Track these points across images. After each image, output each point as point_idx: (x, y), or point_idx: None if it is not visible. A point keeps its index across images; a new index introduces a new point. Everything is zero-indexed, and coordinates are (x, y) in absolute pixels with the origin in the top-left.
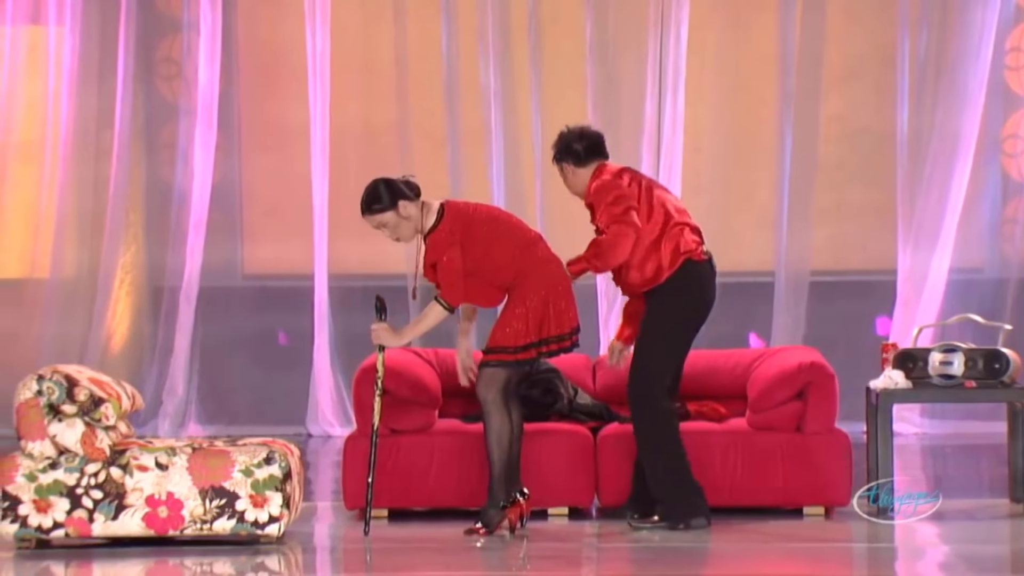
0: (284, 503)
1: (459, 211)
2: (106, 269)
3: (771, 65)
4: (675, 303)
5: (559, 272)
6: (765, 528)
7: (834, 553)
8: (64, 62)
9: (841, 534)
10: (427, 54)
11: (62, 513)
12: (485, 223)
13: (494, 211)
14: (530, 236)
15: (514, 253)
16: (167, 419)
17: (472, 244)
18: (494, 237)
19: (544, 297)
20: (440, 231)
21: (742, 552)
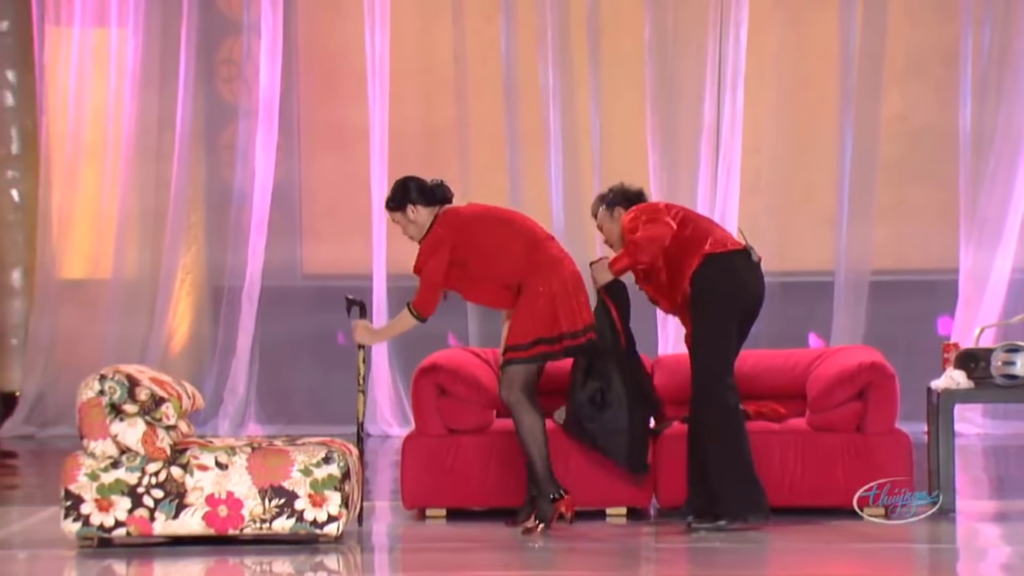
0: (343, 502)
1: (452, 218)
2: (167, 269)
3: (831, 63)
4: (708, 296)
5: (569, 270)
6: (825, 529)
7: (895, 554)
8: (127, 64)
9: (902, 535)
10: (486, 55)
11: (123, 512)
12: (490, 225)
13: (501, 212)
14: (539, 236)
15: (522, 253)
16: (227, 419)
17: (476, 247)
18: (501, 239)
19: (552, 294)
20: (428, 238)
21: (801, 553)
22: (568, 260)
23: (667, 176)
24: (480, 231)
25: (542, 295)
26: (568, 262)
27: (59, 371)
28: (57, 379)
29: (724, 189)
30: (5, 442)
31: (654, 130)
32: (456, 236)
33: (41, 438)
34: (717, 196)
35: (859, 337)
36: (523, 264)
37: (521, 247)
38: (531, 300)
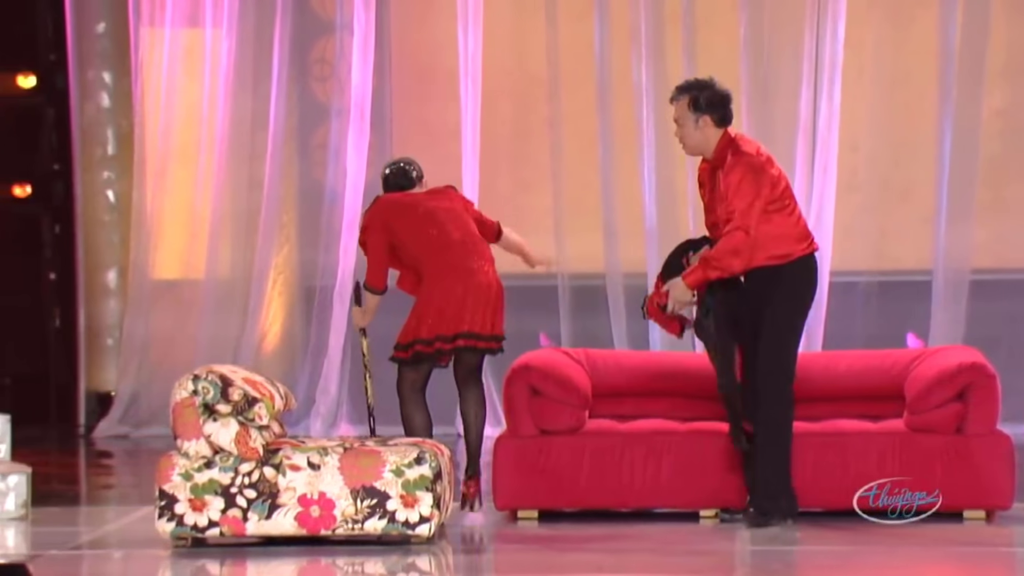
0: (435, 503)
1: (381, 203)
2: (260, 269)
3: (931, 59)
4: (800, 295)
5: (461, 281)
6: (923, 532)
7: (996, 558)
8: (221, 64)
9: (1003, 539)
10: (579, 52)
11: (217, 512)
12: (410, 217)
13: (431, 209)
14: (450, 240)
15: (424, 252)
16: (319, 419)
17: (395, 234)
18: (414, 233)
19: (436, 300)
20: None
21: (898, 556)
22: (467, 271)
23: None
24: (398, 221)
25: (424, 300)
26: (463, 272)
27: (153, 371)
28: (151, 379)
29: (820, 187)
30: (100, 442)
31: (749, 128)
32: (380, 220)
33: (135, 438)
34: (813, 194)
35: (959, 337)
36: (423, 263)
37: (425, 247)
38: (417, 302)
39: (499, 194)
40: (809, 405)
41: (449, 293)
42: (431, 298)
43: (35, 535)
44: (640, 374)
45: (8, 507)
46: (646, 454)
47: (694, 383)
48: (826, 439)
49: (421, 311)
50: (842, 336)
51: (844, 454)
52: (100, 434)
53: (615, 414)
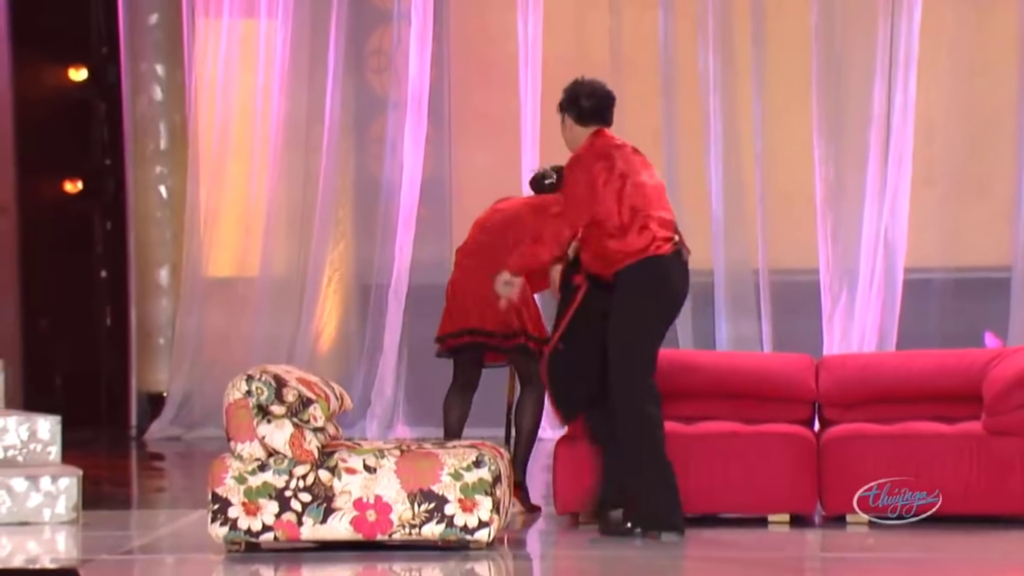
0: (494, 508)
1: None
2: (315, 266)
3: (1010, 48)
4: (640, 300)
5: (460, 278)
6: (1003, 539)
7: None
8: (275, 56)
9: None
10: (643, 42)
11: (271, 516)
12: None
13: (489, 212)
14: (468, 240)
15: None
16: (375, 420)
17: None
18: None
19: (453, 293)
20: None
21: (976, 564)
22: (467, 268)
23: (833, 167)
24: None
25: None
26: (461, 270)
27: (206, 371)
28: (204, 380)
29: (894, 181)
30: (152, 444)
31: (820, 119)
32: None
33: (188, 440)
34: (887, 188)
35: None
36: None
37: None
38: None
39: None
40: (882, 406)
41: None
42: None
43: (86, 539)
44: (705, 375)
45: (59, 511)
46: (712, 457)
47: (761, 384)
48: (899, 442)
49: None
50: (917, 335)
51: (918, 458)
52: (152, 436)
53: (680, 416)
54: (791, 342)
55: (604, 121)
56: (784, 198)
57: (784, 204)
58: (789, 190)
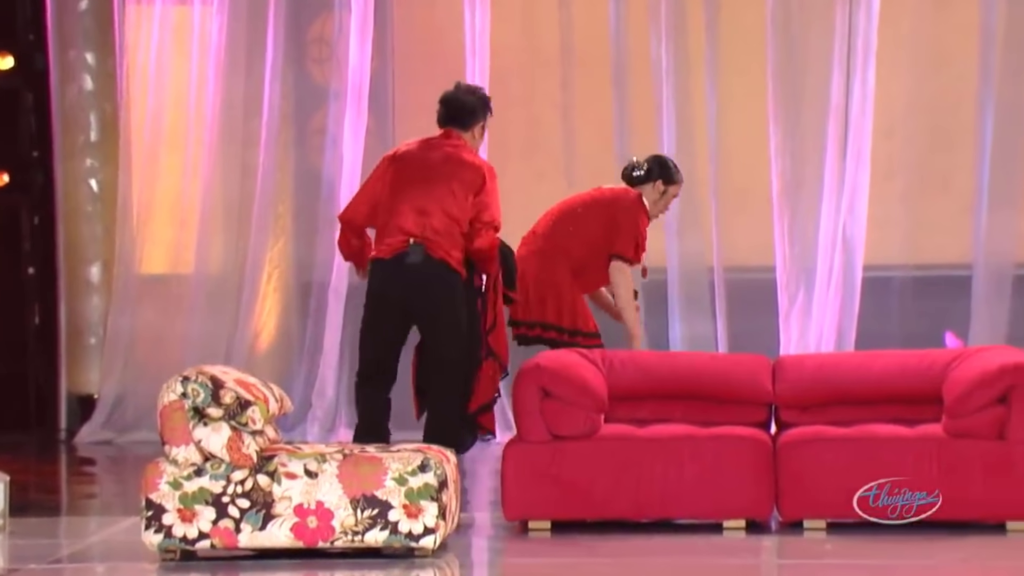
0: (440, 513)
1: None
2: (253, 263)
3: (971, 38)
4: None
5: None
6: (964, 545)
7: None
8: (211, 44)
9: None
10: (594, 31)
11: (207, 523)
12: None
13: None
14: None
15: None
16: (316, 423)
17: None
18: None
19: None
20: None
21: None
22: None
23: (790, 161)
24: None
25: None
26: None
27: (139, 372)
28: (137, 381)
29: (853, 176)
30: (82, 448)
31: (776, 111)
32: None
33: (120, 444)
34: (846, 183)
35: (1001, 336)
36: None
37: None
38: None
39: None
40: (840, 408)
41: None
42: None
43: (12, 548)
44: (659, 375)
45: None
46: (666, 461)
47: (716, 385)
48: (858, 445)
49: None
50: (876, 335)
51: (877, 461)
52: (82, 439)
53: (633, 418)
54: (747, 342)
55: (442, 123)
56: (739, 193)
57: (739, 199)
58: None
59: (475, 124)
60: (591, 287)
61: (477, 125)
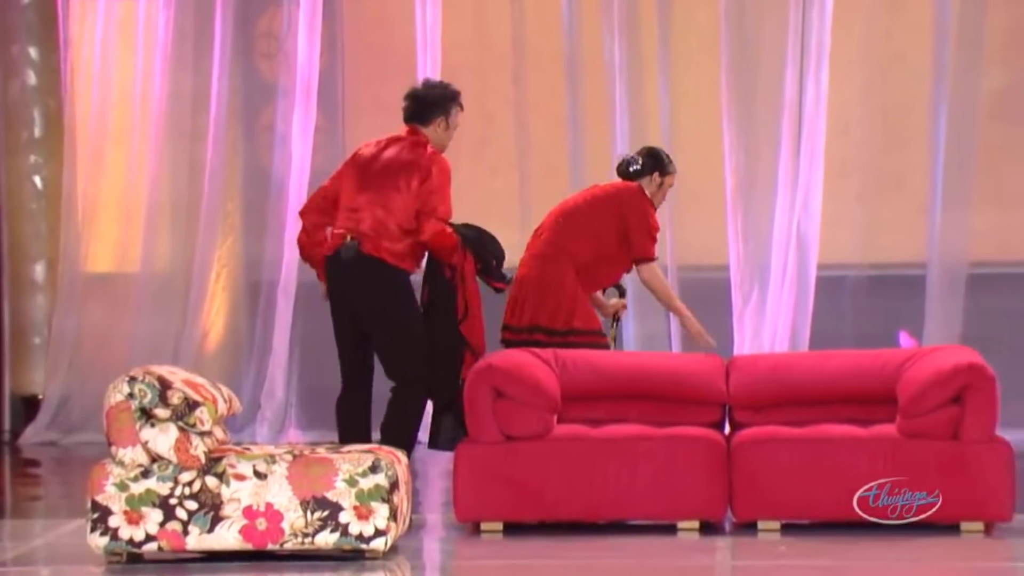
0: (391, 515)
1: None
2: (201, 262)
3: (926, 35)
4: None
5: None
6: (918, 545)
7: (993, 574)
8: (157, 38)
9: (1003, 553)
10: (546, 27)
11: (154, 525)
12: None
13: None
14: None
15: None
16: (265, 424)
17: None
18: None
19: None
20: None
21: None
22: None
23: (743, 159)
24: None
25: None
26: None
27: (85, 372)
28: (83, 381)
29: (807, 174)
30: (27, 449)
31: (729, 109)
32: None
33: (65, 445)
34: (799, 181)
35: (955, 336)
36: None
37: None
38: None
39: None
40: (794, 408)
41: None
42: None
43: None
44: (613, 376)
45: None
46: (620, 462)
47: (669, 385)
48: (812, 445)
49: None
50: (830, 334)
51: (832, 462)
52: (26, 441)
53: (586, 418)
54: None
55: (407, 121)
56: (692, 191)
57: (692, 197)
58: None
59: (435, 119)
60: (595, 286)
61: (437, 119)
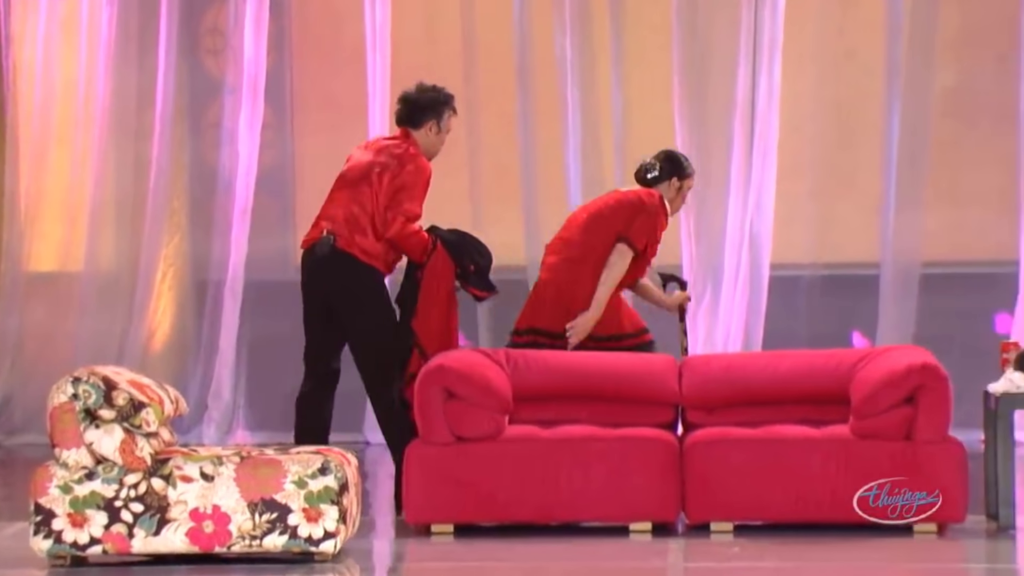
0: (340, 517)
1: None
2: (147, 261)
3: (878, 33)
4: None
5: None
6: (871, 547)
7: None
8: (100, 34)
9: (955, 554)
10: (497, 23)
11: (99, 528)
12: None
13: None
14: (555, 236)
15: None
16: (212, 425)
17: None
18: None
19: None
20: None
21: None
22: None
23: (696, 157)
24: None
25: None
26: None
27: (27, 373)
28: (25, 382)
29: (759, 172)
30: None
31: (682, 106)
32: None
33: (8, 446)
34: (752, 180)
35: (908, 336)
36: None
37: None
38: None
39: None
40: (747, 410)
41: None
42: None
43: None
44: (566, 376)
45: None
46: (572, 463)
47: (622, 386)
48: (765, 446)
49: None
50: (784, 335)
51: (784, 462)
52: None
53: (538, 419)
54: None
55: (396, 122)
56: None
57: None
58: None
59: (426, 122)
60: (623, 285)
61: (429, 123)
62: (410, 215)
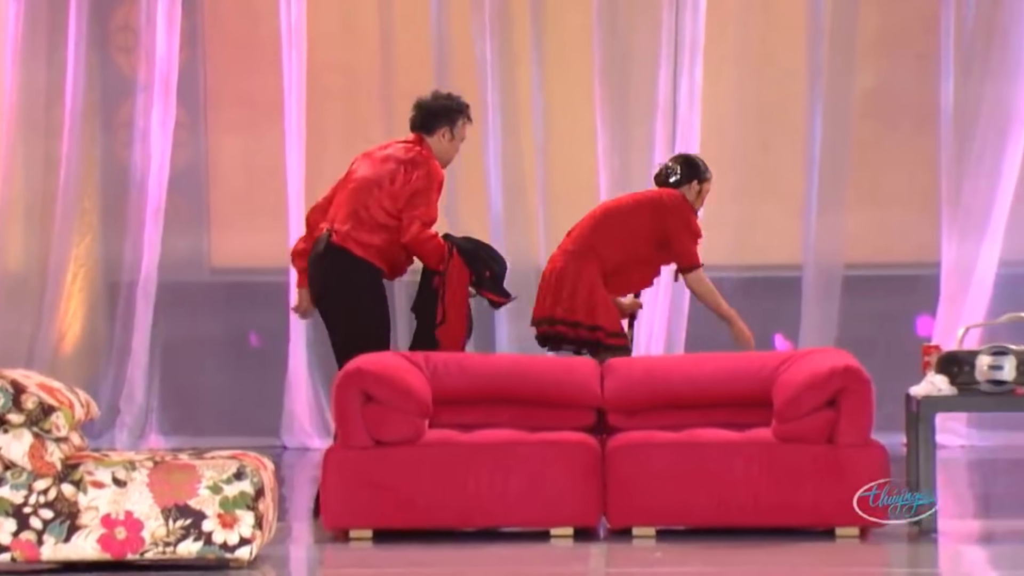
0: (256, 523)
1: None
2: (57, 261)
3: (799, 34)
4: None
5: (556, 261)
6: (793, 551)
7: None
8: (7, 30)
9: (878, 558)
10: (415, 22)
11: (7, 535)
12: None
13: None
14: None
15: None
16: (125, 429)
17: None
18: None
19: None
20: None
21: None
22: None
23: (618, 159)
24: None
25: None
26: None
27: None
28: None
29: None
30: None
31: (603, 108)
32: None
33: None
34: None
35: (830, 338)
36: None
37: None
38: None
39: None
40: (669, 412)
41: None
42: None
43: None
44: (487, 379)
45: None
46: (492, 467)
47: (543, 389)
48: (687, 450)
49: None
50: (706, 337)
51: (706, 466)
52: None
53: (458, 423)
54: None
55: (415, 129)
56: (567, 194)
57: (568, 200)
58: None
59: (439, 128)
60: (628, 288)
61: (442, 130)
62: (426, 219)
